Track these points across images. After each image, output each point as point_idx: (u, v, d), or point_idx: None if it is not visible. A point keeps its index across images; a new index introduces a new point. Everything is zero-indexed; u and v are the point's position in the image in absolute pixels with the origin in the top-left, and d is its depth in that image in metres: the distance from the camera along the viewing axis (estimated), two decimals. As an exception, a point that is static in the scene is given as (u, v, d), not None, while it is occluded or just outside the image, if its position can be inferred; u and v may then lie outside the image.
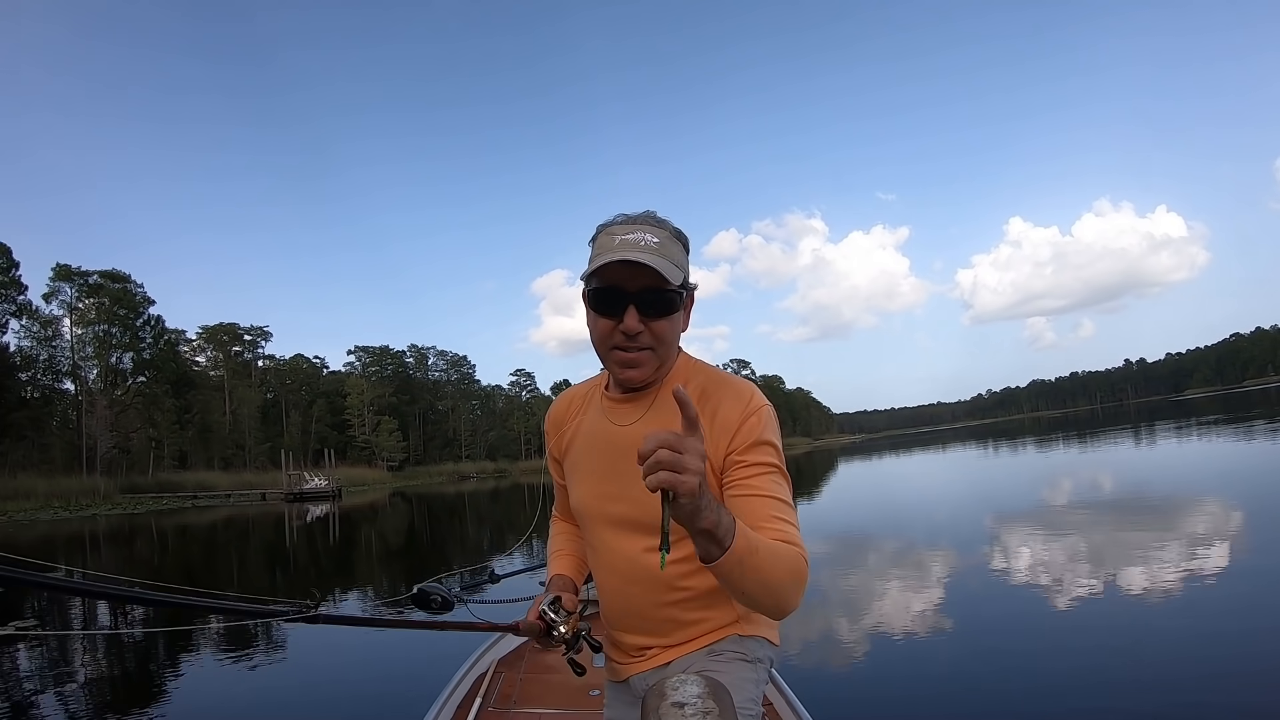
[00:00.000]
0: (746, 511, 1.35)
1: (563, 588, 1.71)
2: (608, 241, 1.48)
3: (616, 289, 1.46)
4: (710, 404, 1.50)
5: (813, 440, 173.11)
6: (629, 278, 1.44)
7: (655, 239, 1.46)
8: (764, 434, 1.47)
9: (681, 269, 1.50)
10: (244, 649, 8.59)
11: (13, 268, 58.27)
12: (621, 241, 1.46)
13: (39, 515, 38.15)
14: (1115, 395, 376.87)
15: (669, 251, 1.47)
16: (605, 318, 1.49)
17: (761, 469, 1.44)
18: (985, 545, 11.67)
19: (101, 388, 63.16)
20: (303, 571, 17.04)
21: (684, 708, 0.96)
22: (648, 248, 1.44)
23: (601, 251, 1.47)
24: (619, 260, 1.42)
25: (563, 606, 1.60)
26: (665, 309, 1.48)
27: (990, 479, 26.33)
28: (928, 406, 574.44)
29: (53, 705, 6.71)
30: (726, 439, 1.46)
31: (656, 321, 1.48)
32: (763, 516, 1.37)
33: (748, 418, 1.47)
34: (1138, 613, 7.09)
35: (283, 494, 52.13)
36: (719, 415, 1.48)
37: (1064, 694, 5.24)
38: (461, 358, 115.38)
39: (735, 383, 1.55)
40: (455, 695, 3.65)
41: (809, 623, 7.78)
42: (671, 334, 1.52)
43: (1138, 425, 52.66)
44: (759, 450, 1.45)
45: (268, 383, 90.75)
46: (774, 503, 1.40)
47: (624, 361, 1.51)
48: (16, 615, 10.91)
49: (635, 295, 1.45)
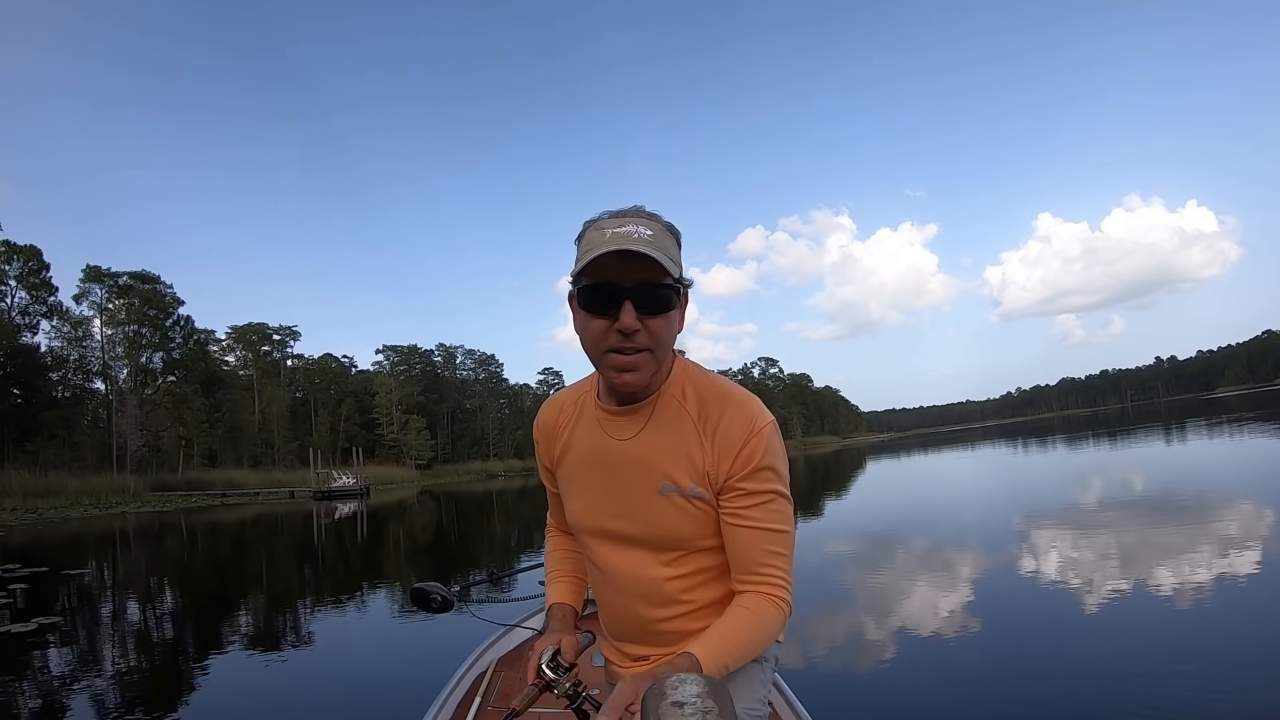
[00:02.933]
0: (740, 544, 1.41)
1: (563, 620, 1.65)
2: (597, 237, 1.35)
3: (610, 285, 1.34)
4: (711, 419, 1.43)
5: (841, 439, 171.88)
6: (623, 273, 1.32)
7: (649, 231, 1.34)
8: (765, 458, 1.41)
9: (677, 263, 1.39)
10: (244, 649, 8.62)
11: (43, 269, 58.72)
12: (613, 235, 1.33)
13: (69, 513, 38.31)
14: (1146, 393, 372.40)
15: (663, 245, 1.35)
16: (599, 317, 1.37)
17: (761, 498, 1.41)
18: (1011, 546, 11.44)
19: (132, 387, 63.59)
20: (331, 568, 16.99)
21: (684, 707, 0.96)
22: (642, 240, 1.32)
23: (591, 246, 1.34)
24: (613, 252, 1.30)
25: (562, 660, 1.47)
26: (663, 305, 1.37)
27: (1020, 478, 26.01)
28: (956, 405, 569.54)
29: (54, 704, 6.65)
30: (729, 460, 1.40)
31: (654, 319, 1.36)
32: (755, 558, 1.41)
33: (750, 439, 1.40)
34: (1170, 618, 6.81)
35: (311, 492, 52.06)
36: (720, 432, 1.42)
37: (1085, 700, 5.01)
38: (489, 356, 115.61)
39: (737, 396, 1.47)
40: (455, 694, 3.66)
41: (820, 623, 7.74)
42: (669, 334, 1.41)
43: (1169, 424, 52.32)
44: (760, 477, 1.41)
45: (296, 382, 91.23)
46: (769, 536, 1.41)
47: (620, 365, 1.39)
48: (45, 610, 10.85)
49: (631, 291, 1.33)
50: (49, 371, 59.68)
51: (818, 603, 8.67)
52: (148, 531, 28.40)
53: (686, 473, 1.43)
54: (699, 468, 1.43)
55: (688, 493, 1.43)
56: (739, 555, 1.42)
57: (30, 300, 58.55)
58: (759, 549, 1.40)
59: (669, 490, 1.44)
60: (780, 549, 1.41)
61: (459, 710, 3.51)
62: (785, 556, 1.42)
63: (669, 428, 1.45)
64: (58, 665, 8.04)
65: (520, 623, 4.38)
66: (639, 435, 1.48)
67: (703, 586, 1.48)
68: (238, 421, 74.20)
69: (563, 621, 1.65)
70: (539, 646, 1.51)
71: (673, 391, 1.48)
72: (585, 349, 1.44)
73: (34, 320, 59.03)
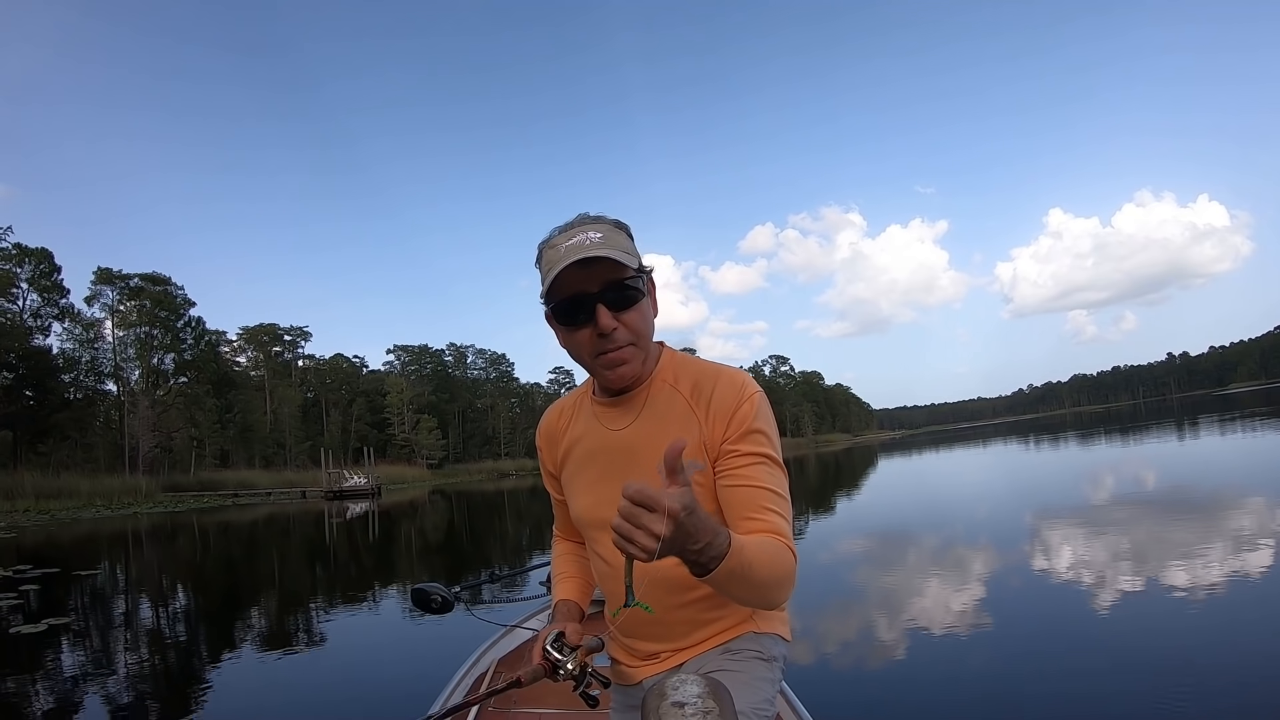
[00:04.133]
0: (737, 502, 1.40)
1: (568, 615, 1.67)
2: (554, 255, 1.42)
3: (579, 295, 1.41)
4: (704, 394, 1.48)
5: (853, 436, 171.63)
6: (588, 279, 1.39)
7: (599, 235, 1.42)
8: (756, 422, 1.45)
9: (633, 254, 1.45)
10: (246, 649, 8.59)
11: (55, 272, 58.99)
12: (568, 248, 1.40)
13: (81, 513, 38.36)
14: (1158, 390, 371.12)
15: (616, 241, 1.43)
16: (578, 327, 1.44)
17: (754, 458, 1.43)
18: (1022, 543, 11.27)
19: (143, 388, 63.80)
20: (340, 567, 16.92)
21: (684, 707, 0.96)
22: (595, 244, 1.39)
23: (551, 265, 1.41)
24: (572, 264, 1.37)
25: (566, 642, 1.49)
26: (632, 298, 1.44)
27: (1031, 475, 25.77)
28: (968, 402, 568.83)
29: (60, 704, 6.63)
30: (722, 426, 1.45)
31: (627, 313, 1.43)
32: (753, 508, 1.38)
33: (741, 404, 1.45)
34: (1184, 617, 6.64)
35: (322, 492, 52.01)
36: (714, 402, 1.46)
37: (1096, 701, 4.89)
38: (500, 356, 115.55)
39: (727, 370, 1.52)
40: (455, 695, 3.67)
41: (822, 621, 7.71)
42: (644, 324, 1.48)
43: (1181, 420, 51.94)
44: (752, 439, 1.44)
45: (308, 382, 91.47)
46: (765, 493, 1.40)
47: (611, 362, 1.45)
48: (56, 611, 10.82)
49: (599, 294, 1.41)
50: (61, 373, 59.91)
51: (821, 600, 8.62)
52: (159, 532, 28.37)
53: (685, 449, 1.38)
54: (696, 440, 1.45)
55: (688, 467, 1.35)
56: (736, 506, 1.39)
57: (42, 303, 58.87)
58: (757, 505, 1.38)
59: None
60: (777, 508, 1.39)
61: (459, 710, 3.46)
62: (782, 514, 1.39)
63: (662, 411, 1.49)
64: (66, 665, 8.00)
65: (521, 623, 4.41)
66: (634, 423, 1.52)
67: None
68: (249, 422, 74.32)
69: (568, 615, 1.67)
70: (544, 632, 1.52)
71: (664, 377, 1.54)
72: (576, 359, 1.50)
73: (46, 323, 59.37)
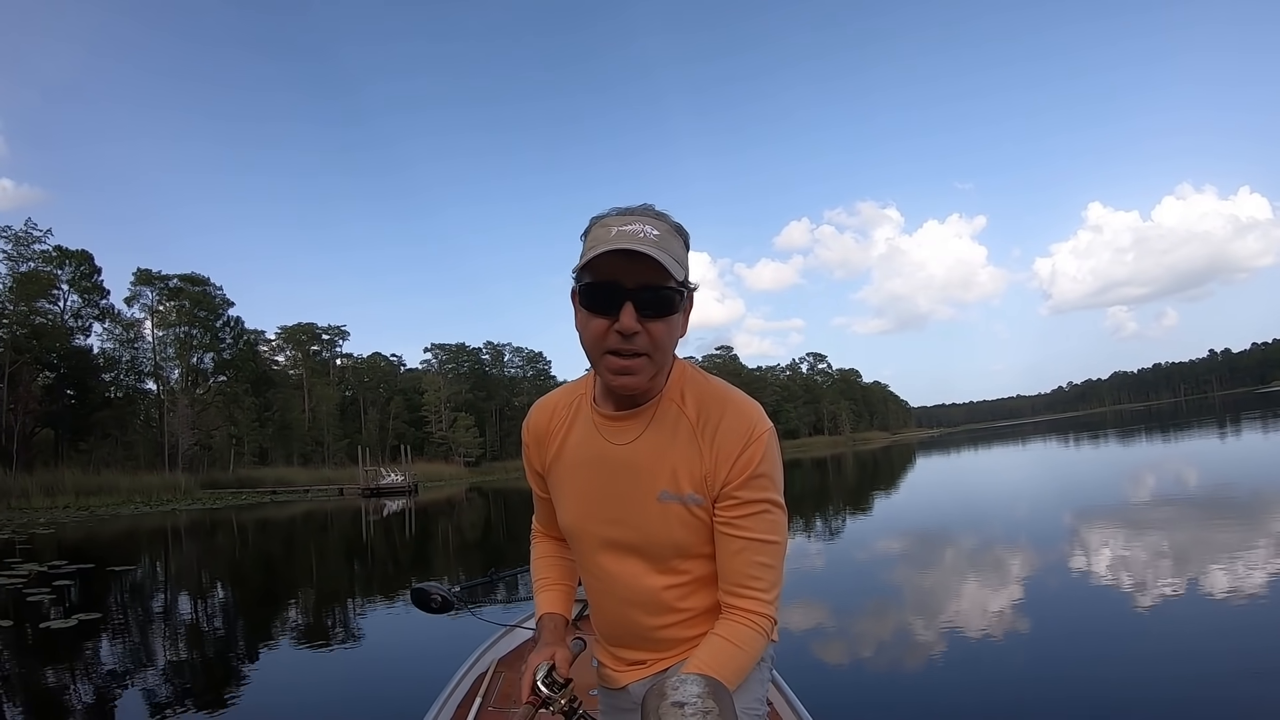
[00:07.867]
0: (730, 554, 1.40)
1: (554, 632, 1.59)
2: (603, 234, 1.31)
3: (612, 284, 1.30)
4: (710, 423, 1.40)
5: (891, 435, 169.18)
6: (626, 273, 1.29)
7: (655, 232, 1.31)
8: (762, 466, 1.38)
9: (683, 265, 1.35)
10: (241, 649, 8.62)
11: (95, 273, 59.73)
12: (618, 233, 1.29)
13: (120, 510, 38.59)
14: (1200, 387, 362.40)
15: (669, 246, 1.31)
16: (599, 316, 1.33)
17: (755, 506, 1.39)
18: (1060, 544, 11.00)
19: (183, 387, 64.53)
20: (380, 563, 16.66)
21: (684, 707, 0.96)
22: (647, 240, 1.28)
23: (596, 244, 1.31)
24: (616, 251, 1.27)
25: (557, 675, 1.44)
26: (665, 309, 1.33)
27: (1071, 474, 25.16)
28: (1007, 400, 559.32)
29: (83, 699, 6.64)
30: (726, 467, 1.38)
31: (654, 323, 1.32)
32: (743, 570, 1.39)
33: (748, 445, 1.38)
34: (1224, 619, 6.42)
35: (360, 489, 52.09)
36: (719, 439, 1.39)
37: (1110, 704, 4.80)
38: (537, 354, 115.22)
39: (737, 401, 1.43)
40: (455, 695, 3.66)
41: (824, 620, 7.69)
42: (669, 339, 1.37)
43: (1223, 419, 51.15)
44: (755, 485, 1.38)
45: (346, 381, 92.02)
46: (759, 547, 1.39)
47: (618, 368, 1.35)
48: (88, 607, 10.72)
49: (633, 292, 1.30)
50: (102, 373, 60.76)
51: (824, 600, 8.58)
52: (198, 528, 28.35)
53: (685, 479, 1.39)
54: (697, 474, 1.38)
55: (686, 500, 1.39)
56: (728, 566, 1.41)
57: (83, 304, 59.60)
58: (748, 560, 1.38)
59: (668, 498, 1.40)
60: (769, 560, 1.39)
61: (459, 711, 3.51)
62: (774, 568, 1.40)
63: (668, 433, 1.41)
64: (90, 660, 7.91)
65: (520, 623, 4.38)
66: (637, 441, 1.43)
67: (699, 593, 1.47)
68: (288, 420, 74.93)
69: (554, 634, 1.58)
70: (532, 662, 1.45)
71: (672, 396, 1.44)
72: (584, 347, 1.39)
73: (87, 323, 60.12)
